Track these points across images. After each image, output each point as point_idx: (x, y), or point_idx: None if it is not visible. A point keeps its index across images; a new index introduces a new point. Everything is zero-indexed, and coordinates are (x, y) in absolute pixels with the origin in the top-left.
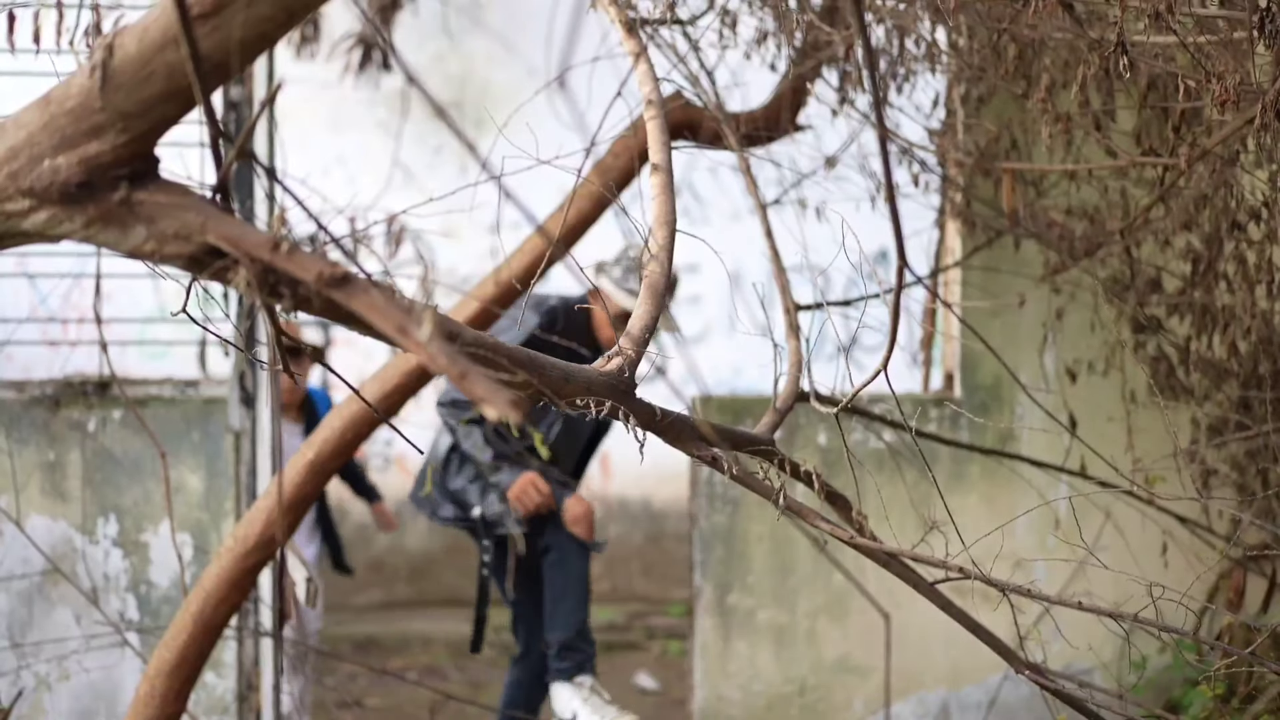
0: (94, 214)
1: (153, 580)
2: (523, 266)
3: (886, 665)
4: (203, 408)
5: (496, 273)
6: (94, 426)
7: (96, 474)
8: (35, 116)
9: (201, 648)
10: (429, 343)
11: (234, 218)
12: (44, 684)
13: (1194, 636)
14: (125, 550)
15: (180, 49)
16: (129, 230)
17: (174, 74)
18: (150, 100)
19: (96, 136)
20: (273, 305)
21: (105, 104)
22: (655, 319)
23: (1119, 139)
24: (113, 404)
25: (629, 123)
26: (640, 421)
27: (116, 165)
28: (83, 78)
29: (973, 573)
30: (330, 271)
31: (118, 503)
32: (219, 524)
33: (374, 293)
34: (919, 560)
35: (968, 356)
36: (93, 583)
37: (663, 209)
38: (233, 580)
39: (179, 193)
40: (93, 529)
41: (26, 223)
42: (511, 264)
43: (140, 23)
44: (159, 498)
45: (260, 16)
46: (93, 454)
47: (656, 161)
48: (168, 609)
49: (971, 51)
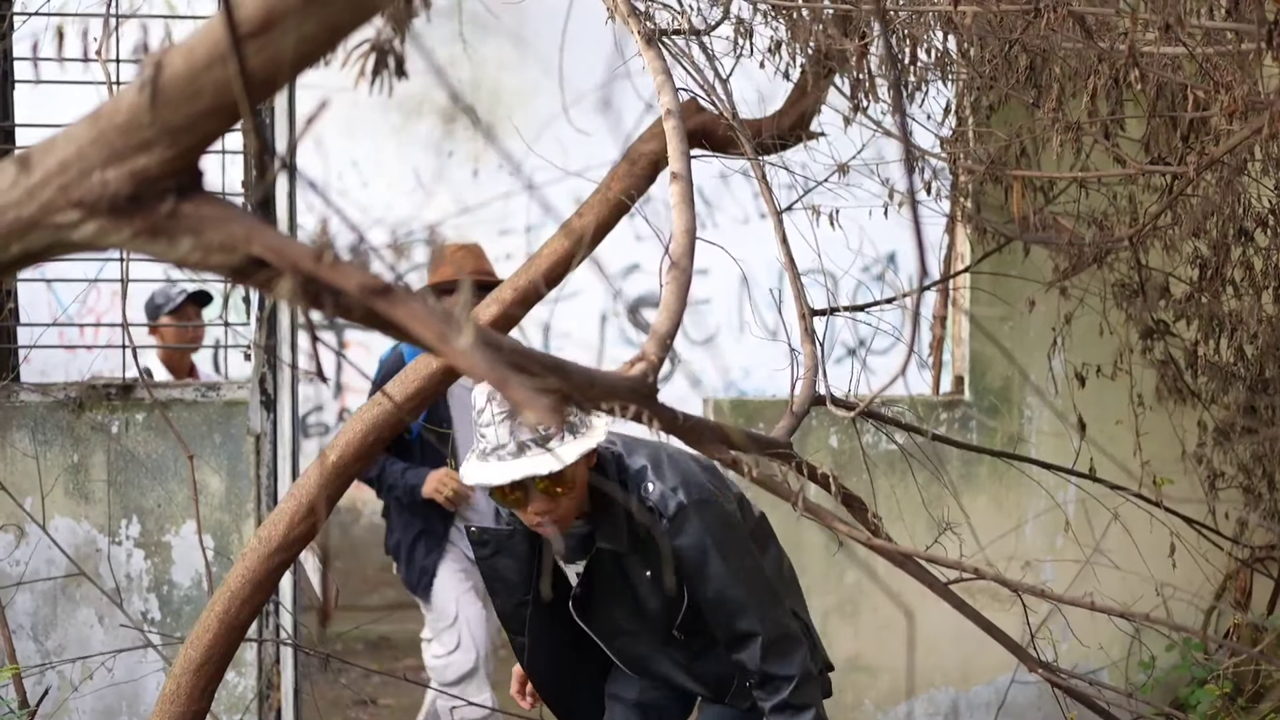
0: (142, 226)
1: (174, 580)
2: (543, 270)
3: (910, 662)
4: (223, 410)
5: (515, 277)
6: (117, 429)
7: (119, 476)
8: (85, 131)
9: (226, 646)
10: (469, 351)
11: (277, 230)
12: (68, 683)
13: (1202, 635)
14: (147, 551)
15: (227, 67)
16: (176, 241)
17: (221, 90)
18: (197, 116)
19: (145, 151)
20: (311, 314)
21: (154, 119)
22: (677, 325)
23: (1126, 146)
24: (136, 406)
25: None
26: (663, 425)
27: (164, 178)
28: (132, 94)
29: (988, 573)
30: (372, 282)
31: (140, 504)
32: (240, 525)
33: (414, 302)
34: (934, 561)
35: (977, 360)
36: (115, 583)
37: (683, 217)
38: (257, 580)
39: (224, 205)
40: (116, 530)
41: (76, 234)
42: (531, 268)
43: (187, 42)
44: (181, 499)
45: (306, 36)
46: (116, 456)
47: (676, 170)
48: (189, 609)
49: (983, 60)
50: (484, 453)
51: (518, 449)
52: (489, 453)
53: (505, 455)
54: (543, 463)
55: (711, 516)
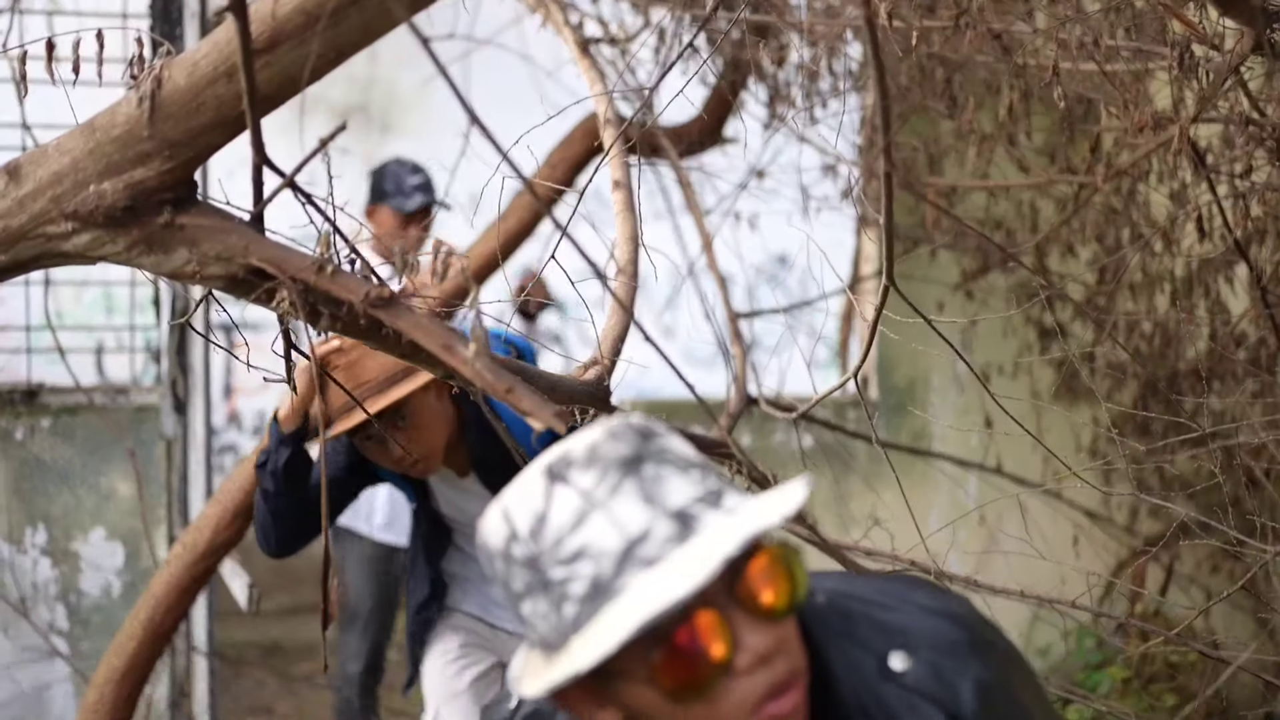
0: (137, 236)
1: (83, 589)
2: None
3: None
4: (134, 415)
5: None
6: (21, 435)
7: (24, 483)
8: (79, 143)
9: (151, 654)
10: (474, 360)
11: (275, 241)
12: None
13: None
14: (54, 559)
15: (231, 83)
16: (172, 252)
17: (223, 105)
18: (198, 130)
19: (142, 163)
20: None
21: (153, 132)
22: (626, 329)
23: (1030, 156)
24: (41, 412)
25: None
26: None
27: (161, 190)
28: (129, 107)
29: (930, 566)
30: (376, 292)
31: (47, 511)
32: (151, 531)
33: (418, 313)
34: (873, 555)
35: (883, 360)
36: (21, 593)
37: (626, 224)
38: (182, 587)
39: (220, 216)
40: (20, 538)
41: (68, 244)
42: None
43: (188, 57)
44: (89, 505)
45: (311, 54)
46: (20, 463)
47: (618, 178)
48: (98, 618)
49: (899, 72)
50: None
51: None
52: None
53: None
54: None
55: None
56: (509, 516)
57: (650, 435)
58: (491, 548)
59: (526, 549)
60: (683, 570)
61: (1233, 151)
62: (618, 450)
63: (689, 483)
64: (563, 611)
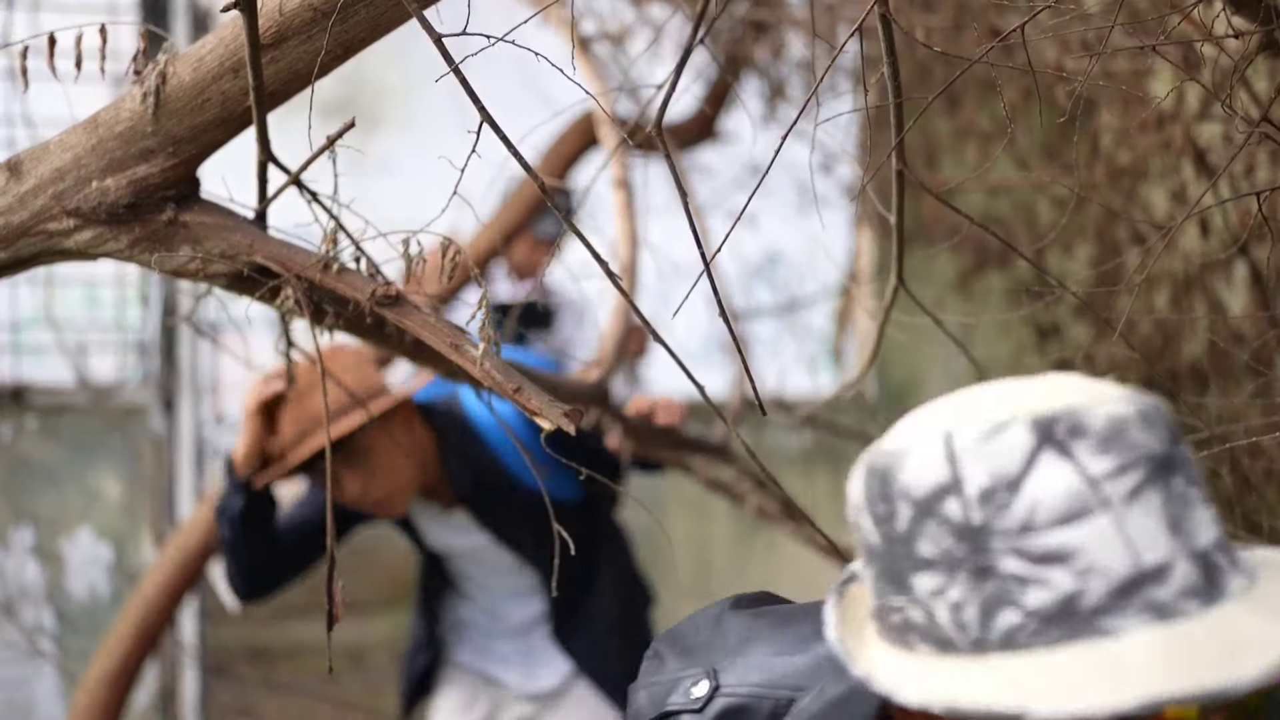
0: (140, 234)
1: (69, 591)
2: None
3: None
4: (122, 415)
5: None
6: (8, 435)
7: (11, 483)
8: (82, 139)
9: (142, 656)
10: (483, 359)
11: (280, 238)
12: None
13: None
14: (41, 560)
15: (236, 78)
16: (175, 250)
17: (228, 101)
18: (202, 126)
19: (146, 160)
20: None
21: (157, 129)
22: (626, 331)
23: (1028, 153)
24: (27, 411)
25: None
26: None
27: (164, 187)
28: (132, 103)
29: None
30: (383, 290)
31: (34, 511)
32: (138, 532)
33: (426, 311)
34: None
35: (880, 359)
36: (6, 594)
37: (627, 226)
38: (172, 588)
39: (223, 214)
40: (7, 538)
41: (69, 241)
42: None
43: (193, 53)
44: (77, 505)
45: (318, 49)
46: (6, 462)
47: (619, 179)
48: (85, 619)
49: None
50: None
51: (1227, 551)
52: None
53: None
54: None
55: None
56: (955, 457)
57: (1179, 435)
58: (901, 483)
59: (971, 513)
60: (1213, 643)
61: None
62: (1149, 442)
63: (1211, 519)
64: (996, 614)
